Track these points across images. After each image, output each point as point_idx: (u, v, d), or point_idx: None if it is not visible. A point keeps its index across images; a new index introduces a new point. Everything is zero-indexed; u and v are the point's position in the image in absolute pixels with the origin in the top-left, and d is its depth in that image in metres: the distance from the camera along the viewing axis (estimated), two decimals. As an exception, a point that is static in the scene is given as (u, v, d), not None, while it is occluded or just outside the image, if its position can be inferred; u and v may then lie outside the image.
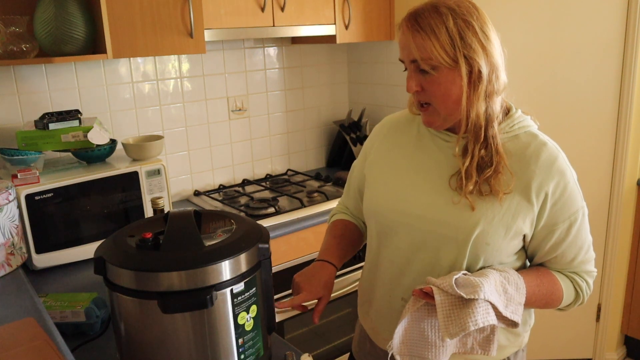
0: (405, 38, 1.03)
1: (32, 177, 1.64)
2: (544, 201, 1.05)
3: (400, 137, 1.21)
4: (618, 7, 2.16)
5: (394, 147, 1.21)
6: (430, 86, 1.03)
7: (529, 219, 1.05)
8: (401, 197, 1.13)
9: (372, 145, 1.27)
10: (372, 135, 1.29)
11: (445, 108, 1.05)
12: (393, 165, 1.18)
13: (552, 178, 1.05)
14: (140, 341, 0.98)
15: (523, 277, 1.07)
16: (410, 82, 1.05)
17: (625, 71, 2.21)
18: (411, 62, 1.04)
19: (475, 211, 1.04)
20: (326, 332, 2.25)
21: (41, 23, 1.72)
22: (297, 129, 2.71)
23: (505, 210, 1.04)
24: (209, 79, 2.38)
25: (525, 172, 1.05)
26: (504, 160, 1.04)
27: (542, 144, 1.08)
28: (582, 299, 1.15)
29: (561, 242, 1.09)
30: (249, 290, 0.99)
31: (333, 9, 2.26)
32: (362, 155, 1.31)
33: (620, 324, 2.57)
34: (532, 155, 1.06)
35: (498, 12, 2.21)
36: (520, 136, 1.09)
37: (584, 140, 2.32)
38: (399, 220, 1.13)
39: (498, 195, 1.03)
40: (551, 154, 1.07)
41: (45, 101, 1.99)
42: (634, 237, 2.45)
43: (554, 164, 1.06)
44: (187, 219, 1.01)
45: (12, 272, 1.42)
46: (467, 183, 1.04)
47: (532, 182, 1.04)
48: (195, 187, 2.44)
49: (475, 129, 1.04)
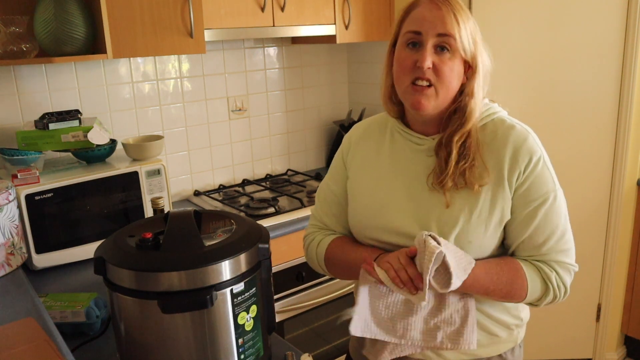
0: (434, 11, 1.04)
1: (32, 177, 1.64)
2: (517, 182, 1.06)
3: (374, 145, 1.20)
4: (618, 7, 2.16)
5: (370, 157, 1.20)
6: (443, 66, 1.04)
7: (507, 206, 1.06)
8: (386, 208, 1.13)
9: (346, 159, 1.24)
10: (344, 149, 1.26)
11: (446, 93, 1.06)
12: (374, 175, 1.18)
13: (523, 159, 1.06)
14: (140, 341, 0.98)
15: (483, 263, 1.06)
16: (427, 56, 1.03)
17: (625, 71, 2.21)
18: (437, 36, 1.03)
19: (453, 209, 1.06)
20: (326, 332, 2.25)
21: (41, 23, 1.72)
22: (297, 129, 2.71)
23: (482, 204, 1.06)
24: (209, 79, 2.38)
25: (497, 158, 1.07)
26: (479, 152, 1.07)
27: (510, 128, 1.09)
28: (553, 293, 1.08)
29: (529, 223, 1.06)
30: (249, 290, 0.99)
31: (333, 9, 2.26)
32: (335, 170, 1.26)
33: (620, 324, 2.57)
34: (501, 140, 1.08)
35: (498, 12, 2.21)
36: (488, 125, 1.11)
37: (584, 141, 2.32)
38: (387, 231, 1.12)
39: (473, 188, 1.05)
40: (520, 135, 1.08)
41: (45, 101, 1.99)
42: (634, 237, 2.45)
43: (523, 144, 1.07)
44: (187, 219, 1.01)
45: (12, 272, 1.42)
46: (445, 179, 1.06)
47: (503, 168, 1.06)
48: (195, 187, 2.44)
49: (461, 123, 1.07)
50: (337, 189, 1.25)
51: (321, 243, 1.24)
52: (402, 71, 1.07)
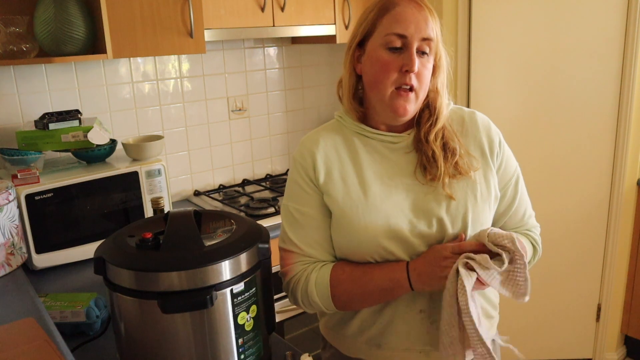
0: (416, 13, 1.02)
1: (32, 177, 1.64)
2: (497, 162, 1.12)
3: (346, 155, 1.11)
4: (618, 7, 2.16)
5: (347, 168, 1.10)
6: (424, 70, 1.05)
7: (496, 183, 1.11)
8: (384, 216, 1.05)
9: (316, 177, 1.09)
10: (306, 168, 1.10)
11: (423, 93, 1.07)
12: (362, 185, 1.08)
13: (494, 138, 1.13)
14: (140, 341, 0.98)
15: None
16: (415, 60, 1.01)
17: (625, 71, 2.22)
18: (422, 40, 1.02)
19: (459, 199, 1.06)
20: (326, 332, 2.25)
21: (41, 23, 1.72)
22: (297, 129, 2.71)
23: (480, 185, 1.09)
24: (209, 79, 2.38)
25: (475, 142, 1.12)
26: (459, 141, 1.09)
27: (471, 112, 1.16)
28: (538, 253, 1.21)
29: (514, 198, 1.15)
30: (249, 290, 0.99)
31: (333, 9, 2.26)
32: (301, 191, 1.11)
33: (620, 324, 2.57)
34: (470, 124, 1.13)
35: (498, 12, 2.21)
36: (450, 115, 1.14)
37: (584, 140, 2.32)
38: (393, 239, 1.05)
39: (468, 175, 1.07)
40: (483, 117, 1.15)
41: (45, 101, 1.99)
42: (634, 237, 2.45)
43: (490, 126, 1.14)
44: (187, 219, 1.01)
45: (12, 272, 1.42)
46: (441, 175, 1.06)
47: (485, 150, 1.11)
48: (195, 187, 2.44)
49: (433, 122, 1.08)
50: (312, 211, 1.10)
51: (318, 278, 1.07)
52: (385, 75, 1.03)
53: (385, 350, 1.13)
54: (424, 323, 1.10)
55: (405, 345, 1.11)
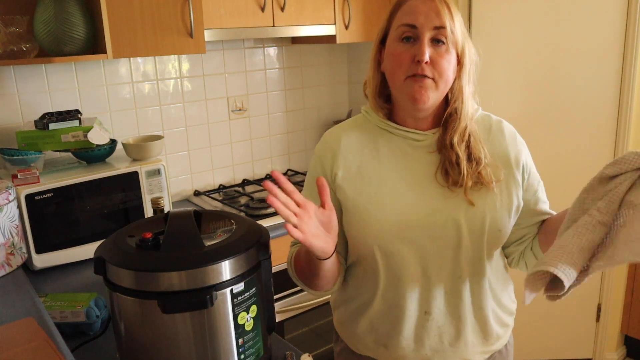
0: (427, 3, 1.03)
1: (32, 177, 1.64)
2: (524, 171, 1.11)
3: (368, 150, 1.12)
4: (618, 7, 2.16)
5: (367, 163, 1.11)
6: (441, 59, 1.03)
7: (520, 193, 1.10)
8: (398, 213, 1.06)
9: (333, 171, 1.12)
10: (324, 162, 1.14)
11: (445, 85, 1.05)
12: (377, 182, 1.09)
13: (521, 149, 1.13)
14: (140, 341, 0.98)
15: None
16: (426, 50, 1.01)
17: (625, 71, 2.21)
18: (433, 29, 1.02)
19: (478, 205, 1.05)
20: (326, 332, 2.25)
21: (41, 23, 1.72)
22: (297, 129, 2.71)
23: (500, 193, 1.08)
24: (209, 79, 2.38)
25: (501, 151, 1.10)
26: (484, 149, 1.08)
27: (498, 121, 1.15)
28: None
29: (542, 207, 1.15)
30: (249, 290, 0.99)
31: (333, 9, 2.26)
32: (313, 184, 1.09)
33: (620, 324, 2.57)
34: (497, 133, 1.12)
35: (498, 12, 2.21)
36: (477, 121, 1.12)
37: (584, 140, 2.32)
38: (405, 238, 1.06)
39: (490, 186, 1.06)
40: (510, 127, 1.15)
41: (45, 101, 1.99)
42: (634, 237, 2.44)
43: (516, 137, 1.14)
44: (187, 219, 1.01)
45: (12, 272, 1.42)
46: (463, 180, 1.04)
47: (510, 159, 1.10)
48: (195, 187, 2.44)
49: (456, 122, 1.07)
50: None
51: (292, 252, 1.18)
52: (398, 66, 1.04)
53: (392, 351, 1.13)
54: (430, 326, 1.10)
55: (411, 347, 1.12)
